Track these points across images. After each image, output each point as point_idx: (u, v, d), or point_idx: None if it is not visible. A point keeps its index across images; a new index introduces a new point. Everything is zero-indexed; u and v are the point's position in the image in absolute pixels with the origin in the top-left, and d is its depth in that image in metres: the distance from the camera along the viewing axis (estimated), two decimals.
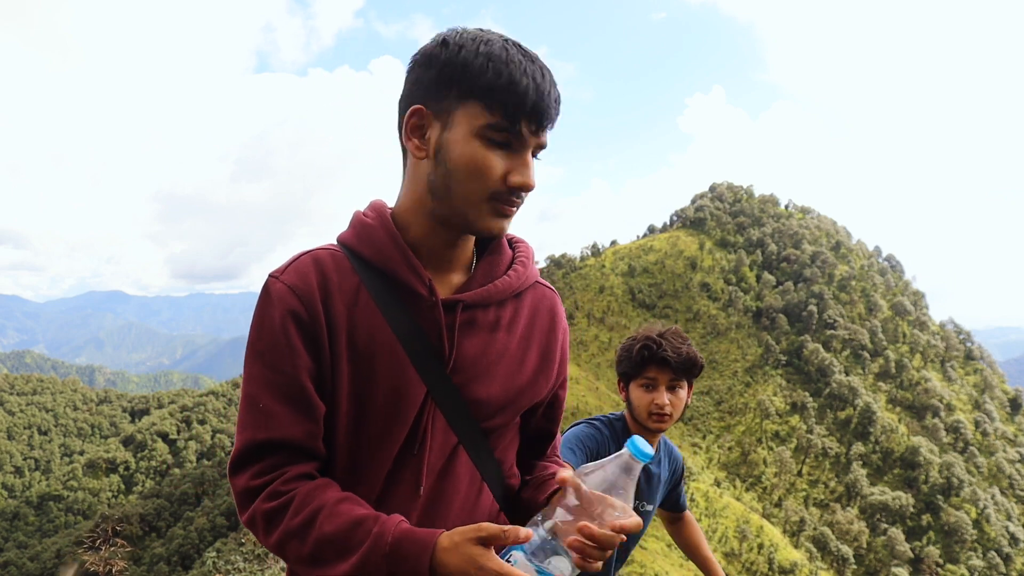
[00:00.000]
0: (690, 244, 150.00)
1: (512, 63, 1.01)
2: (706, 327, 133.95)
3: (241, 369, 1.03)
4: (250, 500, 1.00)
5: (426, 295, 1.07)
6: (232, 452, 1.02)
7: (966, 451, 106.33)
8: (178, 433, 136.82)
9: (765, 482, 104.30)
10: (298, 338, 1.01)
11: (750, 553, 77.19)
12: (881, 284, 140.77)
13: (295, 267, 1.05)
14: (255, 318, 1.04)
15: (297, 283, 1.03)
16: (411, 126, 1.06)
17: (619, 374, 2.19)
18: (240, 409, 1.03)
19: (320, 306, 1.03)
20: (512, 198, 1.05)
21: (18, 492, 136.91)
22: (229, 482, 1.02)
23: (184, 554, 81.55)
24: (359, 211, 1.16)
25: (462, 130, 1.02)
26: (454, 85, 1.02)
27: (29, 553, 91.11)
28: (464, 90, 1.01)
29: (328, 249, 1.10)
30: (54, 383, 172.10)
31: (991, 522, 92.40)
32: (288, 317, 1.01)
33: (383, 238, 1.08)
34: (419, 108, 1.05)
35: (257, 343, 1.03)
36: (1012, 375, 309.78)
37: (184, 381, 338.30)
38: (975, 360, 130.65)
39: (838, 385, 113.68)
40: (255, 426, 1.00)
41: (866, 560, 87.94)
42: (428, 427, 1.08)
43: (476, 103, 1.01)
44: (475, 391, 1.10)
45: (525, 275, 1.18)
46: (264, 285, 1.05)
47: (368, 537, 0.96)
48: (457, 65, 1.01)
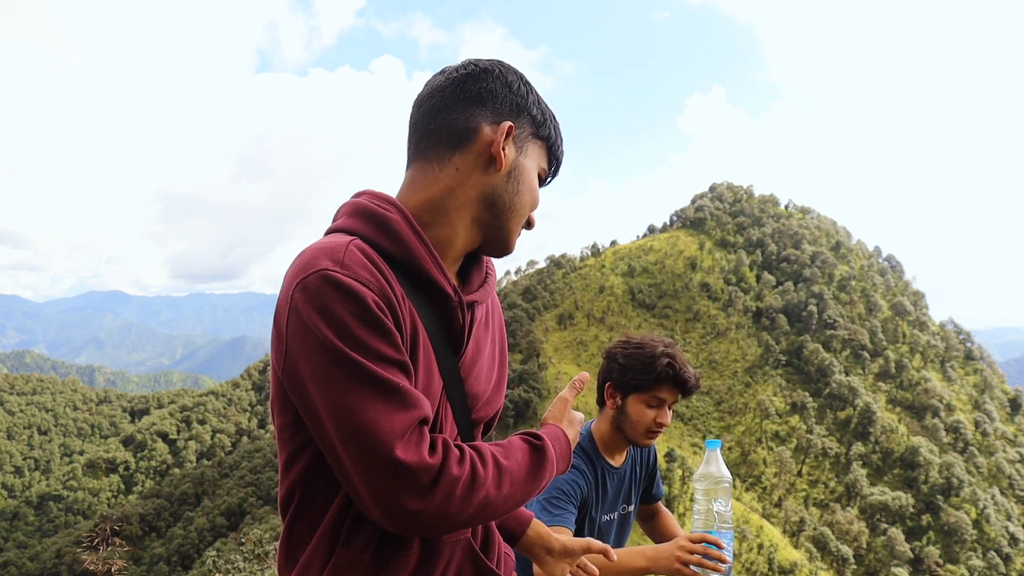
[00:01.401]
0: (690, 244, 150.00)
1: (558, 127, 1.20)
2: (706, 327, 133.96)
3: (241, 370, 1.35)
4: (439, 474, 0.97)
5: (452, 295, 1.10)
6: (383, 439, 0.95)
7: (966, 451, 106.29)
8: (178, 433, 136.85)
9: (765, 482, 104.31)
10: (391, 324, 1.01)
11: (750, 553, 77.22)
12: (881, 284, 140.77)
13: (350, 260, 1.01)
14: (334, 312, 0.97)
15: (367, 276, 1.01)
16: (505, 138, 1.12)
17: (619, 383, 2.05)
18: (362, 398, 0.96)
19: (393, 297, 1.02)
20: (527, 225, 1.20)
21: (18, 492, 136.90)
22: (390, 468, 0.95)
23: (184, 554, 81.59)
24: (364, 202, 1.13)
25: (533, 163, 1.15)
26: (528, 120, 1.14)
27: (29, 553, 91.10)
28: (537, 130, 1.15)
29: (355, 240, 1.06)
30: (54, 383, 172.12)
31: (991, 522, 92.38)
32: (375, 307, 0.99)
33: (410, 235, 1.08)
34: (512, 126, 1.13)
35: (356, 335, 0.97)
36: (1012, 375, 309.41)
37: (184, 381, 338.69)
38: (975, 360, 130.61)
39: (838, 385, 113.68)
40: (407, 406, 0.98)
41: (866, 560, 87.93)
42: (443, 420, 1.11)
43: (543, 147, 1.17)
44: (472, 385, 1.17)
45: (494, 270, 1.26)
46: (322, 280, 0.98)
47: (540, 452, 1.12)
48: (531, 104, 1.14)
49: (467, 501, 0.99)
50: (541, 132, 1.15)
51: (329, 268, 0.99)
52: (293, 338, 0.99)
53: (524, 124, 1.14)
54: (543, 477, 1.11)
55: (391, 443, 0.95)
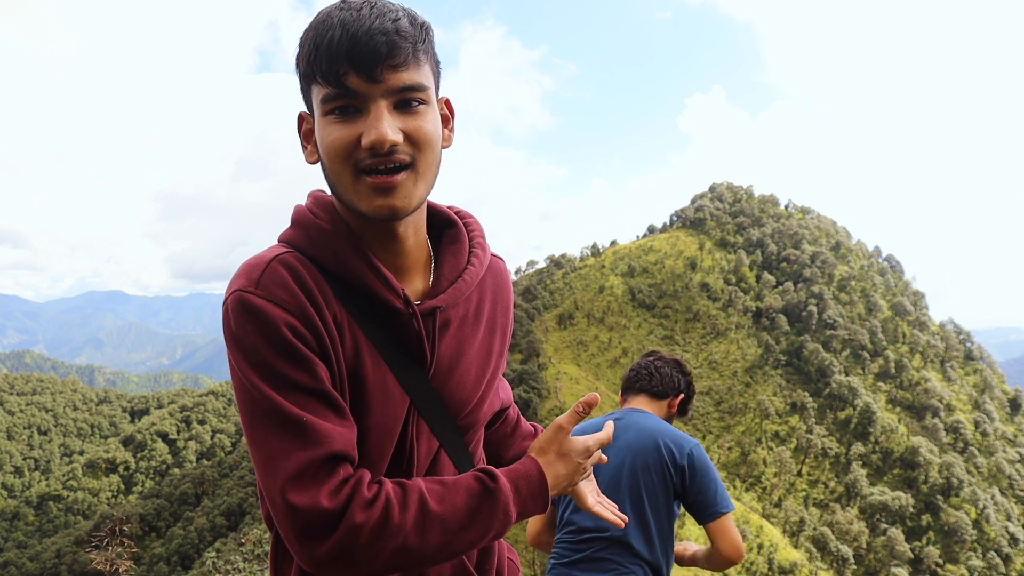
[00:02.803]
0: (690, 244, 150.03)
1: (324, 23, 0.91)
2: (706, 327, 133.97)
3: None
4: (337, 520, 0.89)
5: (403, 308, 1.00)
6: (278, 478, 0.89)
7: (966, 451, 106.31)
8: (178, 433, 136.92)
9: (765, 482, 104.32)
10: (307, 350, 0.93)
11: (750, 553, 77.17)
12: (881, 284, 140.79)
13: (268, 279, 0.94)
14: (243, 337, 0.92)
15: (283, 297, 0.93)
16: (303, 134, 1.01)
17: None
18: (265, 431, 0.91)
19: (315, 318, 0.94)
20: (376, 165, 0.92)
21: (18, 492, 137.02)
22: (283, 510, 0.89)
23: (184, 554, 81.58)
24: (302, 208, 1.04)
25: (317, 117, 0.95)
26: (302, 76, 0.96)
27: (29, 553, 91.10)
28: (305, 75, 0.94)
29: (288, 252, 0.98)
30: (54, 383, 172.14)
31: (991, 522, 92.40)
32: (288, 331, 0.92)
33: (346, 249, 0.98)
34: (301, 114, 1.01)
35: (267, 361, 0.91)
36: (1012, 375, 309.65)
37: (184, 381, 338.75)
38: (975, 360, 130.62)
39: (838, 385, 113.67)
40: (307, 443, 0.90)
41: (866, 560, 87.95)
42: (413, 438, 1.04)
43: (315, 83, 0.93)
44: (453, 392, 1.07)
45: (485, 259, 1.12)
46: (236, 301, 0.93)
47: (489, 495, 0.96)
48: (298, 57, 0.95)
49: (375, 549, 0.90)
50: (307, 70, 0.93)
51: (243, 288, 0.93)
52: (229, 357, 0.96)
53: (306, 90, 0.96)
54: (492, 524, 0.96)
55: (284, 484, 0.89)
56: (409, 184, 0.93)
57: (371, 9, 0.90)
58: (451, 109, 1.04)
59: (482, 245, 1.13)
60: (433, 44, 0.96)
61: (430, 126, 0.94)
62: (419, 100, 0.93)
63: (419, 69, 0.92)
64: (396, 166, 0.92)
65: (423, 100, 0.93)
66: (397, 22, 0.90)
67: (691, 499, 2.26)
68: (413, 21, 0.92)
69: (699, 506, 2.25)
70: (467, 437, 1.12)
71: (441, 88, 1.01)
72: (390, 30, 0.89)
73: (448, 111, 1.03)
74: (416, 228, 1.04)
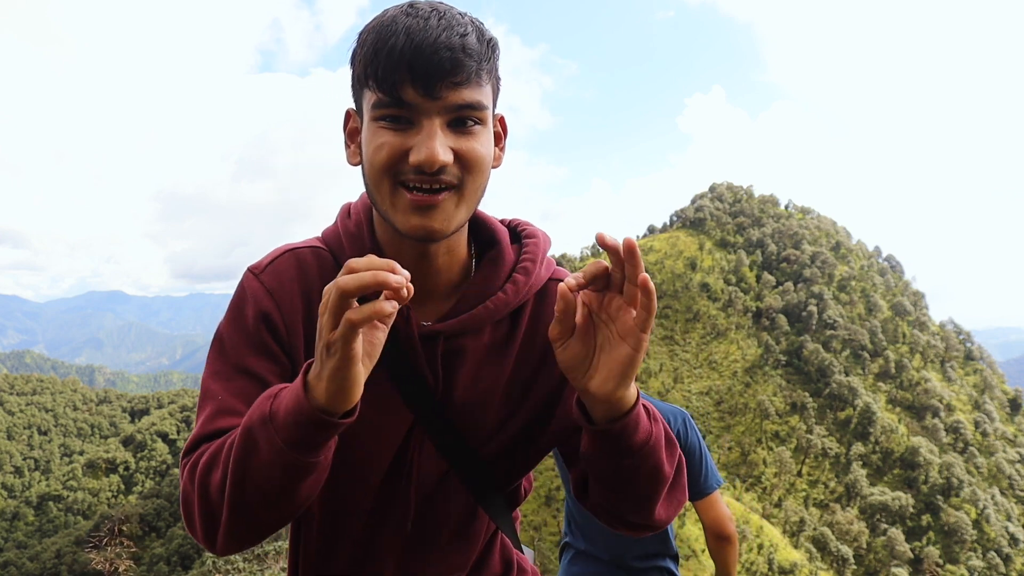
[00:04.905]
0: (690, 244, 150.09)
1: (388, 27, 0.84)
2: (706, 327, 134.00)
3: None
4: (183, 493, 0.88)
5: (401, 326, 0.94)
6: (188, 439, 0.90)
7: (966, 451, 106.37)
8: (178, 433, 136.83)
9: (765, 482, 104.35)
10: (272, 343, 0.93)
11: (750, 553, 77.21)
12: (881, 284, 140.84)
13: (275, 266, 0.96)
14: (230, 310, 0.95)
15: (274, 285, 0.94)
16: (348, 132, 0.96)
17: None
18: (202, 396, 0.93)
19: (299, 314, 0.94)
20: (419, 183, 0.85)
21: (18, 492, 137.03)
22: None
23: (184, 554, 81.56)
24: (351, 204, 1.04)
25: (366, 120, 0.89)
26: (356, 76, 0.90)
27: (29, 553, 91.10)
28: (359, 77, 0.88)
29: (313, 247, 0.99)
30: (54, 383, 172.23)
31: (991, 522, 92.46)
32: (261, 319, 0.92)
33: (360, 254, 0.94)
34: (349, 111, 0.96)
35: (226, 337, 0.93)
36: (1012, 375, 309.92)
37: (184, 381, 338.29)
38: (975, 360, 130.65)
39: (838, 385, 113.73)
40: (204, 418, 0.90)
41: (866, 560, 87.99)
42: (415, 456, 0.99)
43: (368, 86, 0.86)
44: (470, 420, 1.00)
45: (527, 284, 1.04)
46: (243, 277, 0.96)
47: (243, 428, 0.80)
48: (354, 54, 0.89)
49: (208, 518, 0.83)
50: (363, 71, 0.86)
51: (252, 267, 0.97)
52: None
53: (358, 89, 0.90)
54: (255, 453, 0.78)
55: (190, 441, 0.90)
56: (451, 206, 0.87)
57: (439, 19, 0.83)
58: (504, 127, 0.98)
59: (528, 270, 1.05)
60: (498, 62, 0.90)
61: (483, 148, 0.88)
62: (476, 119, 0.87)
63: (480, 88, 0.86)
64: (441, 187, 0.86)
65: (480, 120, 0.87)
66: (465, 37, 0.83)
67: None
68: (481, 37, 0.86)
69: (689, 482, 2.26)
70: (495, 462, 1.03)
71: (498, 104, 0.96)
72: (456, 46, 0.82)
73: (501, 128, 0.97)
74: (450, 248, 0.98)
